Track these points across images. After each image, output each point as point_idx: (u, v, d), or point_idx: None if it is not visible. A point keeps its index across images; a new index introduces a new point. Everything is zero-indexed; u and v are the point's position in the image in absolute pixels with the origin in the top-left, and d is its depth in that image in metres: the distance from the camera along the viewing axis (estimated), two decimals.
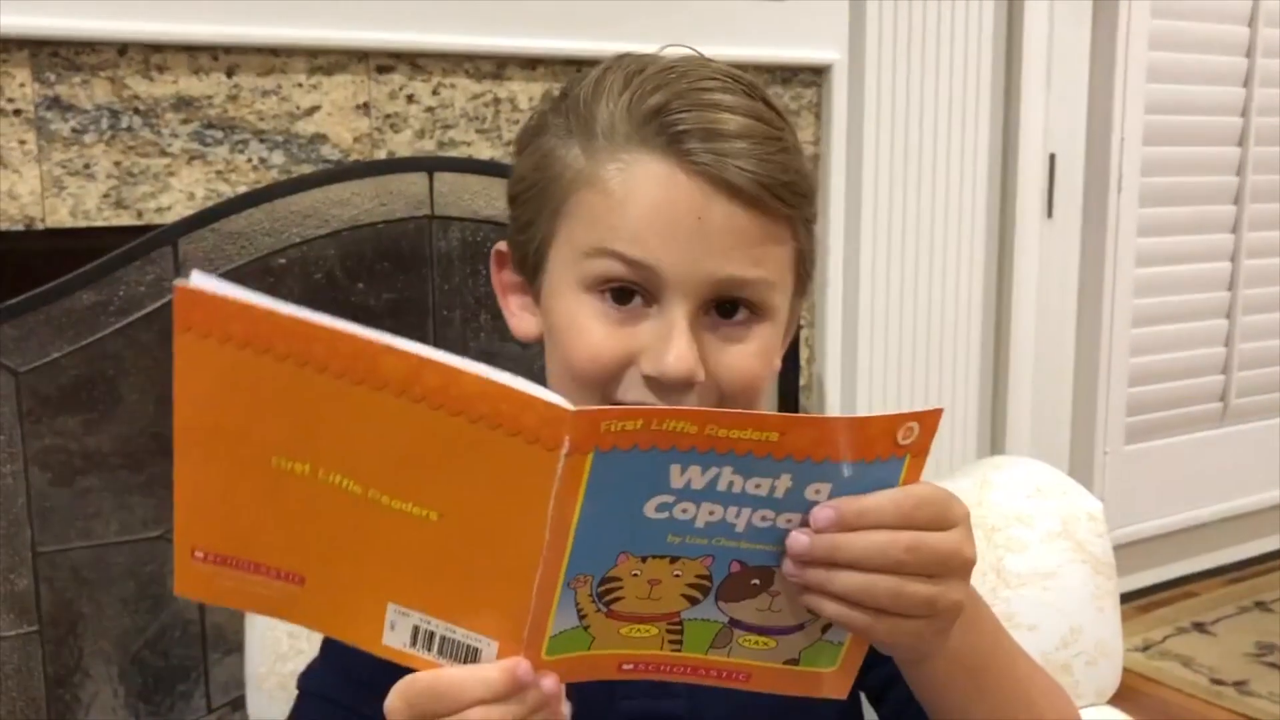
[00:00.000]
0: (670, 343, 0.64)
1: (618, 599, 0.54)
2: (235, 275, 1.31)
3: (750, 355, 0.67)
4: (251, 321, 0.50)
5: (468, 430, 0.50)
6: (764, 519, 0.53)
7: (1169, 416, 2.36)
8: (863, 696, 0.75)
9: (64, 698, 1.29)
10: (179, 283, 0.49)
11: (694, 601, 0.55)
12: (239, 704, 1.24)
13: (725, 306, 0.67)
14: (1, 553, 1.20)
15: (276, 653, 0.95)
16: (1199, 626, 2.26)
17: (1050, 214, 2.11)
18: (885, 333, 1.83)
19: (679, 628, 0.55)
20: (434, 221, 1.38)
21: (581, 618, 0.54)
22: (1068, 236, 2.17)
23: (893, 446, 0.52)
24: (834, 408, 1.83)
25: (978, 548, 0.56)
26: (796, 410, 1.64)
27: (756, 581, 0.54)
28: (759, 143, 0.65)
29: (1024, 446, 2.05)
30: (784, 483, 0.51)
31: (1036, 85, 1.97)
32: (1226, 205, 2.36)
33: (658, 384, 0.65)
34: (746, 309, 0.67)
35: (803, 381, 1.75)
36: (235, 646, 1.24)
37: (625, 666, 0.57)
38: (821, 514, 0.52)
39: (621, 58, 0.69)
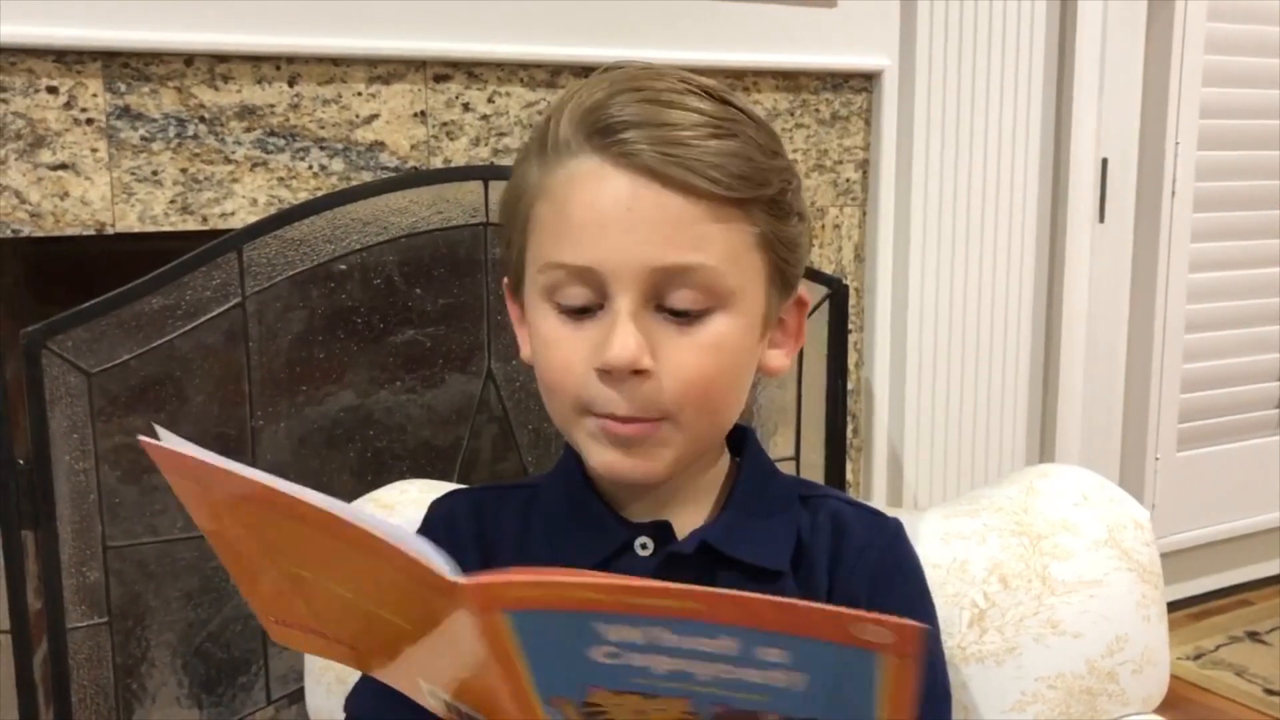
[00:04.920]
0: (614, 333, 0.64)
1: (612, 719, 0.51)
2: (299, 280, 1.35)
3: (699, 348, 0.66)
4: (192, 468, 0.57)
5: (390, 570, 0.50)
6: (727, 671, 0.47)
7: (1222, 423, 2.33)
8: None
9: (131, 686, 1.33)
10: (142, 439, 0.59)
11: None
12: (297, 697, 1.27)
13: (679, 309, 0.66)
14: (74, 547, 1.24)
15: None
16: (1253, 635, 2.23)
17: (1102, 219, 2.09)
18: (934, 338, 1.83)
19: None
20: (489, 228, 1.41)
21: None
22: (1120, 241, 2.15)
23: (849, 638, 0.44)
24: (882, 412, 1.83)
25: (1025, 554, 0.55)
26: (843, 414, 1.64)
27: None
28: (695, 129, 0.65)
29: (1074, 452, 2.03)
30: (728, 644, 0.46)
31: (1089, 89, 1.95)
32: None
33: (610, 377, 0.65)
34: (699, 300, 0.66)
35: (851, 386, 1.76)
36: None
37: None
38: None
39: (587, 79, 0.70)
